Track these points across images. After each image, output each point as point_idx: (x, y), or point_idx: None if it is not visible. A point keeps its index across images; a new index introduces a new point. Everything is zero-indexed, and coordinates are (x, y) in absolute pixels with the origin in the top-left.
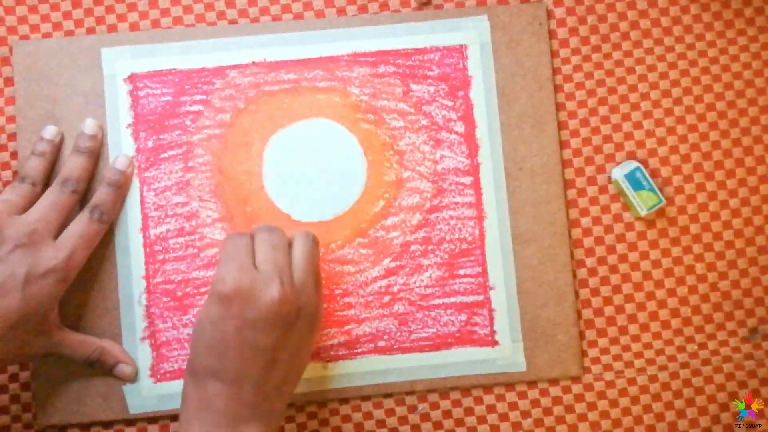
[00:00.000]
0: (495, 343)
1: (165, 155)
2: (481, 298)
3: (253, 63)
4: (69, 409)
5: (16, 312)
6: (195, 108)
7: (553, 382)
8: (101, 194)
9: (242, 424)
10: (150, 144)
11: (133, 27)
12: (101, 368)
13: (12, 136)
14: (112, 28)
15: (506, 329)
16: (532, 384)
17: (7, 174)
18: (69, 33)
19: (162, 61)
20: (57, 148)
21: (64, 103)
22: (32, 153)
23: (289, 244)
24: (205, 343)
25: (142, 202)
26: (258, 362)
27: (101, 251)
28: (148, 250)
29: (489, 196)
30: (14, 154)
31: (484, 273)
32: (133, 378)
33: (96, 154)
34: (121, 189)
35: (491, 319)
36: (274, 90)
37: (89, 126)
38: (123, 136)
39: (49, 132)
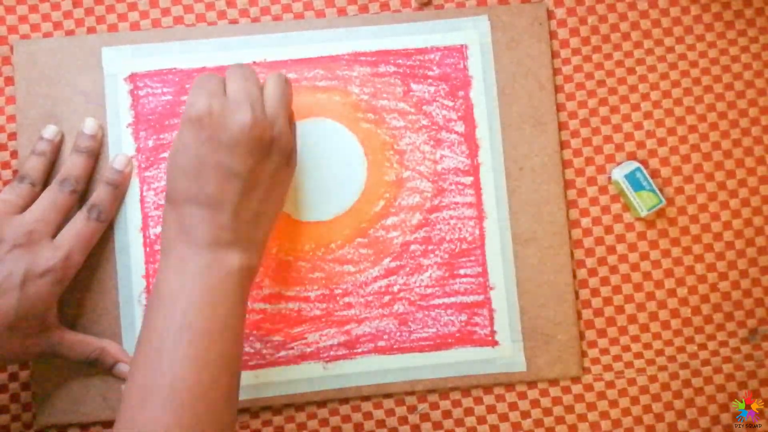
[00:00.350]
0: (495, 343)
1: (165, 154)
2: (481, 298)
3: (254, 63)
4: (69, 409)
5: (13, 312)
6: None
7: (553, 382)
8: (99, 193)
9: (222, 249)
10: (150, 143)
11: (134, 26)
12: (100, 367)
13: (12, 135)
14: (112, 28)
15: (506, 329)
16: (531, 384)
17: (7, 173)
18: (70, 32)
19: (162, 61)
20: (57, 148)
21: (65, 102)
22: (32, 152)
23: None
24: (180, 169)
25: (142, 201)
26: (234, 186)
27: (101, 251)
28: (148, 249)
29: (489, 196)
30: (14, 153)
31: (484, 273)
32: None
33: (95, 153)
34: (119, 188)
35: (491, 319)
36: None
37: (89, 126)
38: (123, 136)
39: (49, 131)
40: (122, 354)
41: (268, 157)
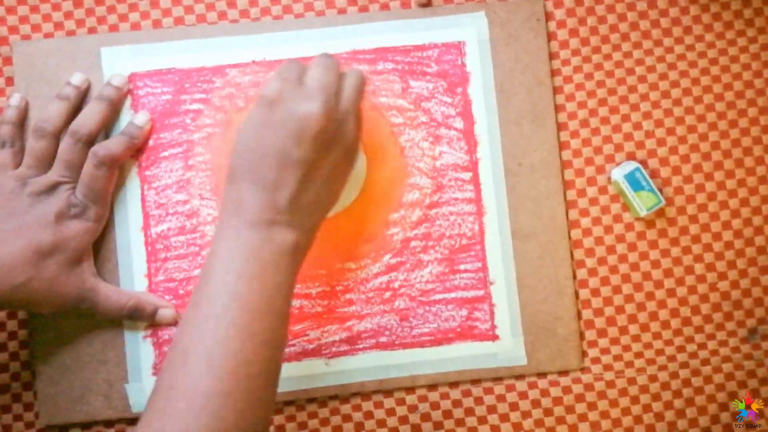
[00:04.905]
0: (495, 337)
1: (165, 154)
2: (481, 293)
3: (253, 62)
4: (71, 409)
5: (49, 244)
6: (195, 107)
7: (554, 382)
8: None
9: (276, 227)
10: (150, 143)
11: (135, 27)
12: (140, 317)
13: None
14: (113, 28)
15: (507, 324)
16: (532, 384)
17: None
18: (70, 33)
19: (162, 61)
20: (82, 95)
21: None
22: (56, 96)
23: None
24: (244, 147)
25: (143, 200)
26: (293, 173)
27: (102, 251)
28: (149, 248)
29: (488, 191)
30: None
31: (484, 268)
32: (175, 321)
33: (115, 105)
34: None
35: (492, 313)
36: None
37: (115, 78)
38: None
39: (76, 78)
40: (160, 300)
41: (330, 152)
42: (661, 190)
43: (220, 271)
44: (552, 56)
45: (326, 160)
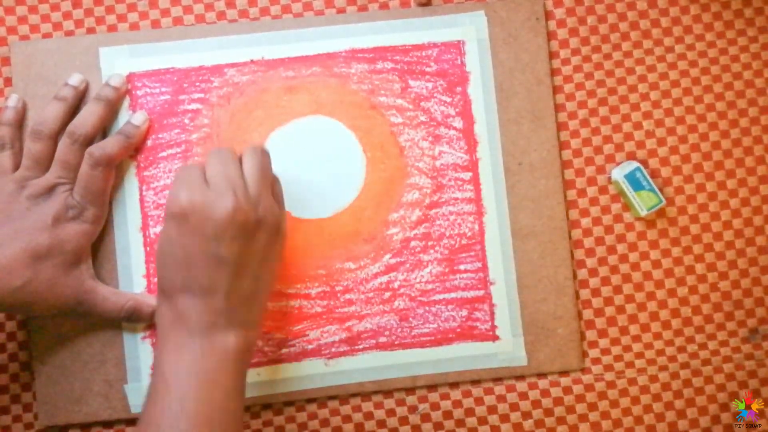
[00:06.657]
0: (496, 337)
1: (164, 154)
2: (481, 293)
3: (251, 61)
4: (70, 409)
5: (46, 247)
6: (193, 107)
7: (554, 383)
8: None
9: (217, 332)
10: (149, 143)
11: (133, 27)
12: (138, 319)
13: None
14: (112, 29)
15: (507, 324)
16: (533, 385)
17: None
18: (69, 33)
19: (160, 60)
20: (80, 95)
21: None
22: (54, 97)
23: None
24: (169, 263)
25: (142, 201)
26: (225, 272)
27: (101, 252)
28: (148, 249)
29: (488, 191)
30: None
31: (484, 268)
32: None
33: (113, 105)
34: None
35: (492, 314)
36: (272, 88)
37: (114, 79)
38: None
39: (74, 79)
40: None
41: (254, 238)
42: (661, 190)
43: (163, 391)
44: (552, 55)
45: (253, 248)
